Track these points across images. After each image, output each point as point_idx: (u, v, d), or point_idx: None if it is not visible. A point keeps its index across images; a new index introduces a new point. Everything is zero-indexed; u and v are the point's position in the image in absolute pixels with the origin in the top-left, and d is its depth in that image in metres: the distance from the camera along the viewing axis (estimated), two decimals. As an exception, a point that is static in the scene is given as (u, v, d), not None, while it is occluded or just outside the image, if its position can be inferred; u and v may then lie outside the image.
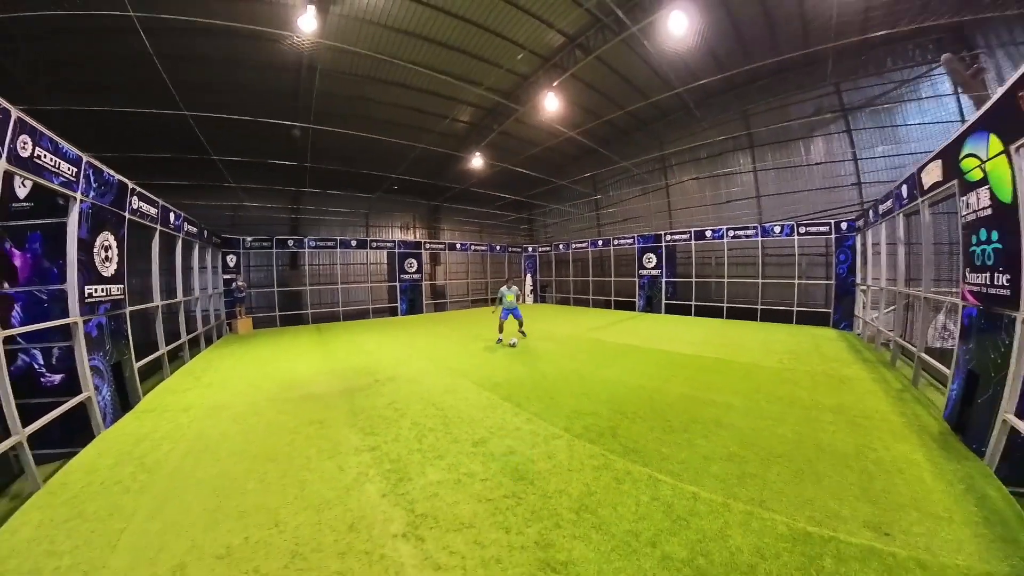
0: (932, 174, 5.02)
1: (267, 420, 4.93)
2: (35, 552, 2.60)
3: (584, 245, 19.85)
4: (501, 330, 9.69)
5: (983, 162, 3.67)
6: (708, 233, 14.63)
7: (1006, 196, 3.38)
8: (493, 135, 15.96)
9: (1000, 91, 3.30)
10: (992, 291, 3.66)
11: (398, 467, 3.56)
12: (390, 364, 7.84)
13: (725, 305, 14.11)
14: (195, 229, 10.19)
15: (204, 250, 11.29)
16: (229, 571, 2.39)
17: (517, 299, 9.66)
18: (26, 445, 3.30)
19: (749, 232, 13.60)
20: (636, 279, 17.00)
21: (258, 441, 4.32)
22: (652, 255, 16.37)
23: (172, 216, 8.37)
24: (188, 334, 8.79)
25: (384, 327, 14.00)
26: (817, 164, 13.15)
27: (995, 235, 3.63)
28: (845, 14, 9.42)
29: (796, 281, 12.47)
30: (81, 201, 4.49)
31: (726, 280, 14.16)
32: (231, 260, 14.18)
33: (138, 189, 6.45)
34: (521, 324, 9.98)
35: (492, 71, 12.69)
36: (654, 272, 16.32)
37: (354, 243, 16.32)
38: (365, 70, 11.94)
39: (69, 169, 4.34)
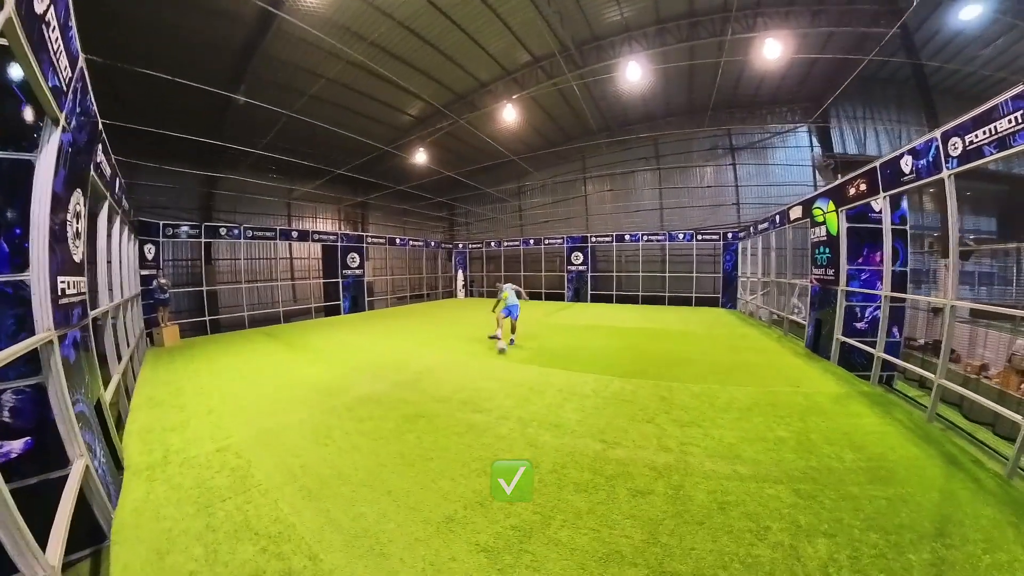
0: (795, 212, 9.28)
1: (355, 430, 4.64)
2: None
3: (516, 243, 22.88)
4: (499, 325, 9.33)
5: (825, 213, 7.65)
6: (627, 237, 19.05)
7: (834, 231, 7.33)
8: (439, 134, 17.67)
9: (837, 182, 7.23)
10: (826, 277, 7.66)
11: (540, 416, 4.93)
12: (406, 359, 8.13)
13: (640, 293, 18.70)
14: (127, 206, 8.71)
15: (129, 236, 9.17)
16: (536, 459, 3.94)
17: (519, 297, 9.38)
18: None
19: (659, 237, 18.37)
20: (565, 274, 20.70)
21: (379, 440, 4.33)
22: (580, 253, 20.24)
23: (118, 183, 6.75)
24: (126, 348, 6.51)
25: (343, 326, 13.80)
26: (708, 187, 18.60)
27: (828, 249, 7.63)
28: (744, 88, 14.22)
29: (694, 275, 17.60)
30: (63, 129, 2.76)
31: (640, 274, 18.75)
32: (149, 251, 12.78)
33: (103, 133, 4.93)
34: (514, 328, 9.40)
35: (455, 71, 14.25)
36: (581, 268, 20.20)
37: (295, 234, 16.24)
38: (328, 44, 11.00)
39: (66, 68, 2.80)
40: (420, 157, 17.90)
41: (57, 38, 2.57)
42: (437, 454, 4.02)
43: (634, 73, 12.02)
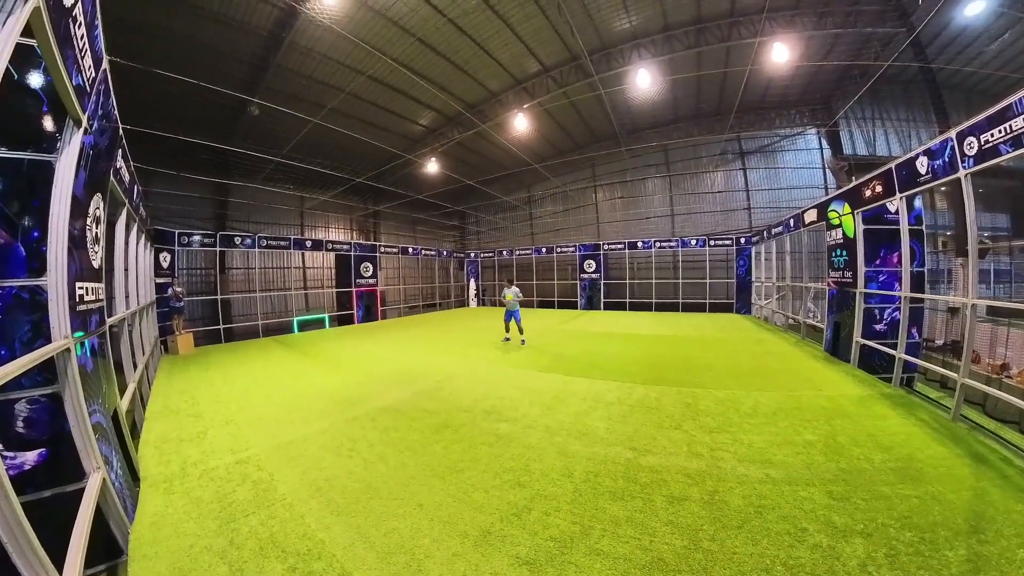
0: (810, 215, 9.37)
1: (380, 441, 4.55)
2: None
3: (528, 252, 23.08)
4: (508, 330, 10.75)
5: (841, 215, 7.73)
6: (639, 244, 19.16)
7: (850, 233, 7.40)
8: (450, 144, 18.03)
9: (853, 184, 7.33)
10: (844, 280, 7.72)
11: (567, 424, 4.95)
12: (424, 368, 8.16)
13: (654, 300, 18.75)
14: (144, 214, 8.88)
15: (145, 244, 9.12)
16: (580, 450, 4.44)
17: (516, 299, 10.29)
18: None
19: (672, 244, 18.46)
20: (578, 282, 20.82)
21: (406, 451, 4.26)
22: (592, 261, 20.37)
23: (136, 191, 6.92)
24: (141, 355, 6.66)
25: (358, 335, 13.89)
26: (719, 192, 18.73)
27: (844, 252, 7.69)
28: (752, 91, 14.42)
29: (707, 281, 17.65)
30: (85, 131, 2.74)
31: (654, 281, 18.80)
32: (164, 259, 13.26)
33: (123, 139, 4.96)
34: (521, 329, 10.47)
35: (465, 81, 14.50)
36: (594, 276, 20.32)
37: (309, 244, 16.54)
38: (341, 56, 11.98)
39: (90, 68, 2.74)
40: (432, 167, 18.26)
41: (83, 35, 2.50)
42: (467, 465, 3.95)
43: (643, 80, 12.22)
